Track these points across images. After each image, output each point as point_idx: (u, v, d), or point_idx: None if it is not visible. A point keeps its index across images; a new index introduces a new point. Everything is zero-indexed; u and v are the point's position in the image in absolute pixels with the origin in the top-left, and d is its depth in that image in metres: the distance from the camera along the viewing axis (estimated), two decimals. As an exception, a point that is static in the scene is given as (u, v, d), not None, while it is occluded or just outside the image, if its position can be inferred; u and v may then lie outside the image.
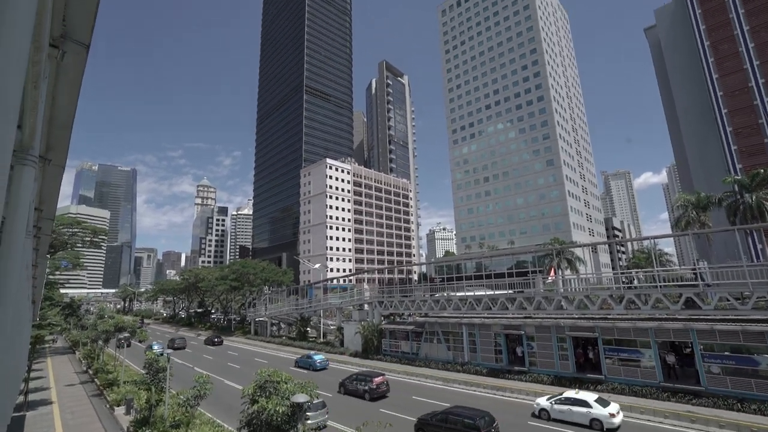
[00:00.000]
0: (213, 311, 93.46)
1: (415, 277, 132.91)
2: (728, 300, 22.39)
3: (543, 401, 20.96)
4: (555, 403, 20.31)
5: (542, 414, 20.55)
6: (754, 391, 19.52)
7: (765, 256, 57.22)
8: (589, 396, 19.99)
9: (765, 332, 19.65)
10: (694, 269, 24.92)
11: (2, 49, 2.20)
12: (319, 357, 36.41)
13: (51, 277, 37.71)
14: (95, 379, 32.95)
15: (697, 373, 21.69)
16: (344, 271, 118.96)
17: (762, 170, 42.25)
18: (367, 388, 25.43)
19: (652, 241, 62.48)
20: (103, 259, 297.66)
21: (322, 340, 49.58)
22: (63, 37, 4.05)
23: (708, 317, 22.73)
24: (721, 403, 19.47)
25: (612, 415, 18.47)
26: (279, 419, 11.65)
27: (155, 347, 42.75)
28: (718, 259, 44.47)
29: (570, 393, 20.64)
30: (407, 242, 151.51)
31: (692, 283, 23.93)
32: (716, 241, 55.84)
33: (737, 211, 41.45)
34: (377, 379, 25.58)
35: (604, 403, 19.35)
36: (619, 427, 18.57)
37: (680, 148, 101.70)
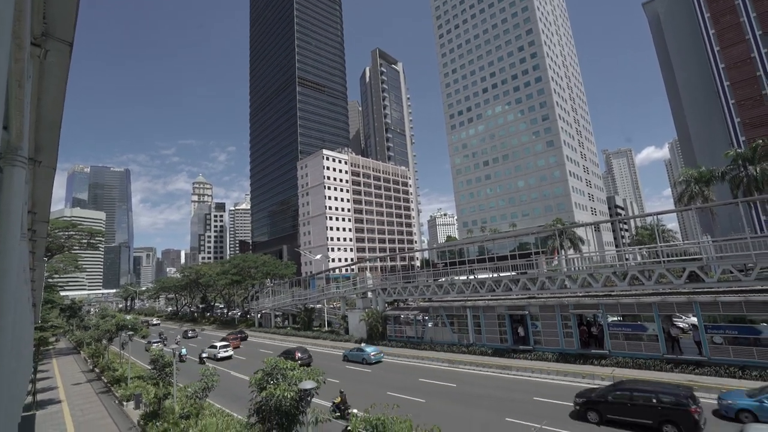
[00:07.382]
0: (222, 306, 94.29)
1: (418, 263, 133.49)
2: (731, 272, 22.42)
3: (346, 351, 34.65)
4: (350, 351, 33.95)
5: (344, 358, 33.98)
6: (755, 359, 19.78)
7: None
8: (368, 348, 33.04)
9: (768, 302, 19.76)
10: (697, 243, 24.85)
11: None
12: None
13: (50, 279, 37.97)
14: (102, 377, 33.41)
15: (699, 344, 21.93)
16: (346, 260, 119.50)
17: (761, 141, 41.75)
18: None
19: (655, 217, 62.26)
20: (102, 260, 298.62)
21: (326, 328, 50.15)
22: (44, 35, 3.96)
23: (711, 290, 22.82)
24: (723, 371, 19.78)
25: (371, 356, 31.67)
26: (288, 404, 11.91)
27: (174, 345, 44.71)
28: (722, 233, 44.40)
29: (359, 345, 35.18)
30: (408, 229, 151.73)
31: (696, 257, 23.93)
32: (720, 214, 55.64)
33: (740, 184, 41.13)
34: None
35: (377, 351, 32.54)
36: (378, 361, 31.70)
37: (682, 122, 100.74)
